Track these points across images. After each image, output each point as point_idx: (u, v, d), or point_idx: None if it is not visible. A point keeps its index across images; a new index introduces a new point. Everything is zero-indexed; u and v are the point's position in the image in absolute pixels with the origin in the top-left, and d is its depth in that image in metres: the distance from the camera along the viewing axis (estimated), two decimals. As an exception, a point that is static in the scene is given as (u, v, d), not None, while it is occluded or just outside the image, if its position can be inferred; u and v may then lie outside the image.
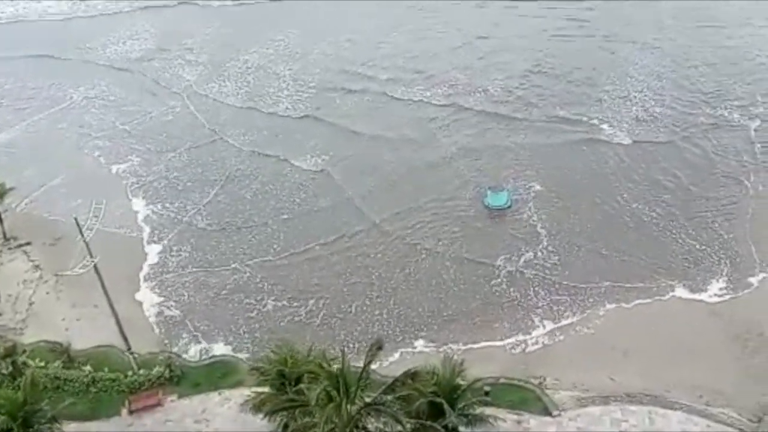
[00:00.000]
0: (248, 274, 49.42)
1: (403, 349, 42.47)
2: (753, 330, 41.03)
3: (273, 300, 46.97)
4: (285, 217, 54.57)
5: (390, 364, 40.18)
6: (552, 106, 65.59)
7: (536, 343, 42.04)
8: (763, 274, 45.57)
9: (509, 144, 60.93)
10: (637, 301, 44.07)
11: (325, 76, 74.09)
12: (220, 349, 43.45)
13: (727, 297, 44.13)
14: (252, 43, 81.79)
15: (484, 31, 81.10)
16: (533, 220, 52.02)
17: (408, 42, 79.61)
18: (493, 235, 51.25)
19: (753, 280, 45.27)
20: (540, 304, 44.83)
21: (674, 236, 49.38)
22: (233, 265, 50.12)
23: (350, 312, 45.50)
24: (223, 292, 48.16)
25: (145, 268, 50.35)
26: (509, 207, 53.11)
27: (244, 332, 44.71)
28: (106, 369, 40.70)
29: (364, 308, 45.69)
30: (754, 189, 53.49)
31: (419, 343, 42.97)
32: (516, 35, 79.36)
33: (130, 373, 40.56)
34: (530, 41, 78.09)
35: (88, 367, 40.57)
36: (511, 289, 46.18)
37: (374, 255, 50.05)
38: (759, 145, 58.09)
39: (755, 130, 60.08)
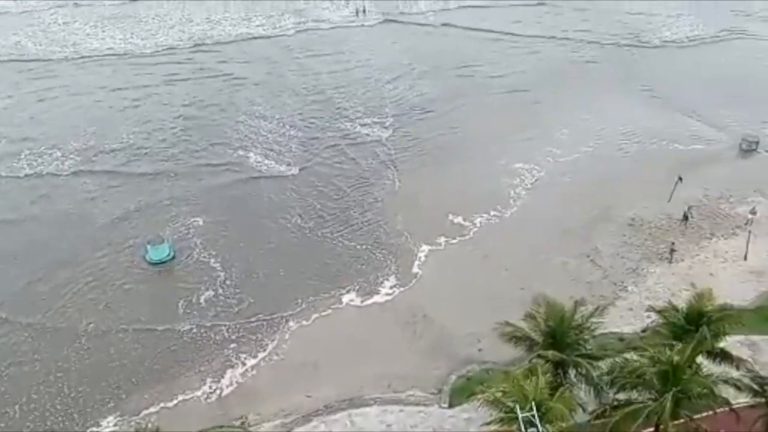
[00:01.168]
0: None
1: (90, 435, 37.68)
2: (418, 314, 45.32)
3: None
4: None
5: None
6: (197, 152, 65.14)
7: (231, 384, 40.71)
8: (418, 262, 50.56)
9: (162, 199, 58.23)
10: (315, 316, 45.61)
11: None
12: None
13: (397, 291, 47.85)
14: None
15: (111, 89, 77.10)
16: (204, 258, 50.90)
17: (23, 110, 71.62)
18: (166, 288, 48.54)
19: (414, 269, 49.90)
20: (230, 339, 43.78)
21: (341, 246, 52.37)
22: None
23: (12, 418, 38.65)
24: None
25: None
26: (173, 258, 50.86)
27: None
28: None
29: (31, 408, 39.29)
30: (398, 186, 60.24)
31: (107, 421, 38.48)
32: (141, 85, 77.26)
33: None
34: (152, 90, 76.58)
35: None
36: (201, 332, 44.38)
37: (27, 352, 43.29)
38: (393, 150, 65.90)
39: (388, 139, 67.86)
